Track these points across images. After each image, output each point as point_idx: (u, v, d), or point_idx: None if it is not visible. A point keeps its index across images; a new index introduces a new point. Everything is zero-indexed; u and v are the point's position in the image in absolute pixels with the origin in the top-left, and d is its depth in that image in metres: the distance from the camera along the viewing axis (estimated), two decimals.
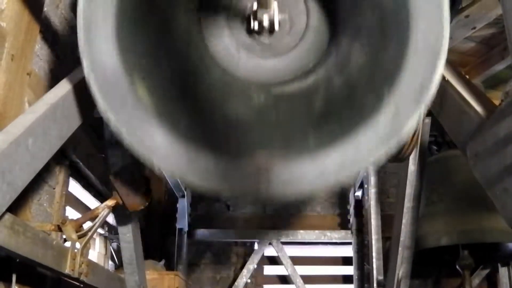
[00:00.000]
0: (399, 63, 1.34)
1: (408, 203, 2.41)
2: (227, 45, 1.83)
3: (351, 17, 1.72)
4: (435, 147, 3.90)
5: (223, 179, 1.40)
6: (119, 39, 1.37)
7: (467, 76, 2.10)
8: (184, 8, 1.78)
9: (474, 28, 3.84)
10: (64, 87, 1.75)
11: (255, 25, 1.71)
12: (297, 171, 1.41)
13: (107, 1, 1.36)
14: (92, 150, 2.99)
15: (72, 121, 1.76)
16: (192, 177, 1.37)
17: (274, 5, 1.66)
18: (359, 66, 1.60)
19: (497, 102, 1.55)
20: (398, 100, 1.34)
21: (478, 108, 1.58)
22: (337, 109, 1.58)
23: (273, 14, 1.67)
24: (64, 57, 2.57)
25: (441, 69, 1.33)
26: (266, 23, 1.68)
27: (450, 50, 1.33)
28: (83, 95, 1.84)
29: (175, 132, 1.39)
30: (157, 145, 1.37)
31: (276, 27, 1.70)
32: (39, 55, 2.30)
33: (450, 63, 2.03)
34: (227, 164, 1.39)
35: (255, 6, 1.65)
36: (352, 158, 1.38)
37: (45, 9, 2.29)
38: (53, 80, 2.42)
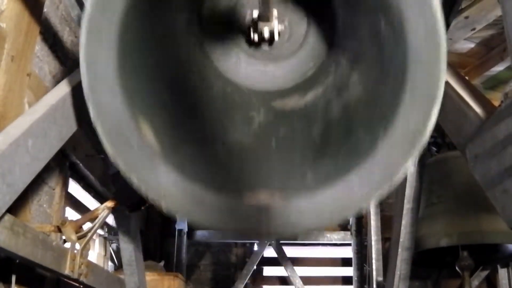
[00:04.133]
0: (395, 106, 1.30)
1: (407, 204, 2.40)
2: (228, 55, 1.81)
3: (350, 39, 1.70)
4: (434, 148, 3.89)
5: (226, 219, 1.45)
6: (122, 80, 1.35)
7: (467, 77, 2.10)
8: (185, 31, 1.76)
9: (474, 29, 3.84)
10: (64, 88, 1.74)
11: (255, 36, 1.69)
12: (295, 210, 1.44)
13: (108, 42, 1.31)
14: (91, 151, 2.99)
15: (72, 122, 1.75)
16: (198, 217, 1.41)
17: (275, 17, 1.63)
18: (357, 97, 1.57)
19: (496, 103, 1.55)
20: (392, 145, 1.31)
21: (477, 109, 1.58)
22: (335, 144, 1.56)
23: (274, 25, 1.64)
24: (64, 58, 2.57)
25: (435, 117, 1.27)
26: (266, 35, 1.65)
27: (450, 51, 1.32)
28: (82, 97, 1.84)
29: (181, 172, 1.40)
30: (165, 187, 1.39)
31: (276, 38, 1.68)
32: (39, 56, 2.30)
33: (450, 64, 2.03)
34: (230, 204, 1.44)
35: (255, 14, 1.64)
36: (345, 201, 1.38)
37: (45, 10, 2.29)
38: (53, 81, 2.42)
